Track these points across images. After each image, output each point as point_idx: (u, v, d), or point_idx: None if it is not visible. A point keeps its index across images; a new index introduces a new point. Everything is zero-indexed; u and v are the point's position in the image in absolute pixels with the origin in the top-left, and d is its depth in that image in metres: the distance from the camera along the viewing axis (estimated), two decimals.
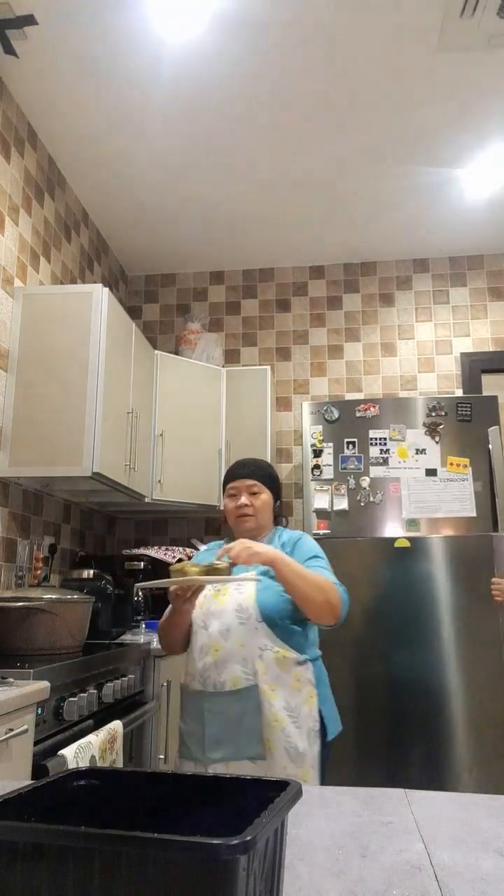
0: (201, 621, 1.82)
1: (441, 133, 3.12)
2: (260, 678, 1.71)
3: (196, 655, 1.79)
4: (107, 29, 2.54)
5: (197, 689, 1.76)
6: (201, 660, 1.76)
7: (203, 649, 1.78)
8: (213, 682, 1.74)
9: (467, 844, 0.53)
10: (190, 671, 1.81)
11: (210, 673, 1.74)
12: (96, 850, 0.37)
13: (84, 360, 2.78)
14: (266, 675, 1.73)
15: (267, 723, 1.68)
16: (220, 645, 1.76)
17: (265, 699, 1.70)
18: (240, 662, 1.73)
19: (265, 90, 2.85)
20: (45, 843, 0.38)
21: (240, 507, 1.96)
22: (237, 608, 1.79)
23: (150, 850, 0.36)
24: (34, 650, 2.12)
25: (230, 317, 4.42)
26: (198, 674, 1.77)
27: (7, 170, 2.84)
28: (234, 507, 1.97)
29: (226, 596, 1.82)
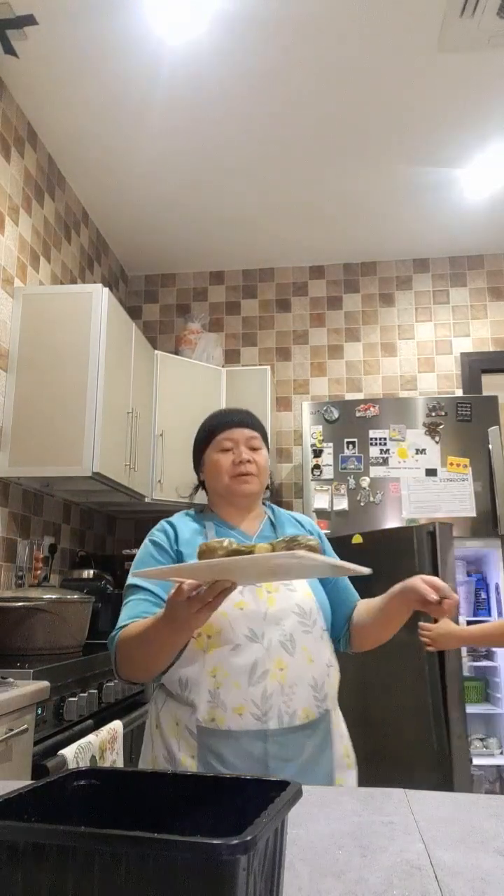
0: (248, 630, 1.32)
1: (441, 133, 3.12)
2: (330, 703, 1.37)
3: (241, 679, 1.30)
4: (107, 29, 2.54)
5: (251, 726, 1.27)
6: (256, 684, 1.30)
7: (257, 669, 1.31)
8: (278, 715, 1.29)
9: (467, 844, 0.53)
10: (227, 702, 1.29)
11: (275, 702, 1.29)
12: (96, 850, 0.37)
13: (84, 360, 2.78)
14: (335, 698, 1.39)
15: (339, 762, 1.34)
16: (284, 662, 1.32)
17: (335, 730, 1.36)
18: (311, 685, 1.33)
19: (265, 90, 2.85)
20: (45, 843, 0.38)
21: (241, 464, 1.49)
22: (298, 610, 1.38)
23: (150, 849, 0.36)
24: (34, 650, 2.12)
25: (230, 317, 4.42)
26: (252, 705, 1.29)
27: (7, 170, 2.84)
28: (232, 464, 1.51)
29: (276, 593, 1.39)
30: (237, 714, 1.28)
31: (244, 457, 1.50)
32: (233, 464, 1.51)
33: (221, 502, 1.55)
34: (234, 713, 1.28)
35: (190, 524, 1.53)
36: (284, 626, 1.34)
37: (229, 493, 1.51)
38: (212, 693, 1.30)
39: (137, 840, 0.36)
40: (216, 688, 1.30)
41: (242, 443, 1.53)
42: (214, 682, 1.30)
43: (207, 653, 1.32)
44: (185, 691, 1.33)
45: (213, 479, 1.54)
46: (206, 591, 1.10)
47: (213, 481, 1.55)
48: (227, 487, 1.51)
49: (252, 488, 1.50)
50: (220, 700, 1.29)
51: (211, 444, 1.57)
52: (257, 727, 1.27)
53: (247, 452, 1.52)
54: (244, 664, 1.30)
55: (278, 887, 0.44)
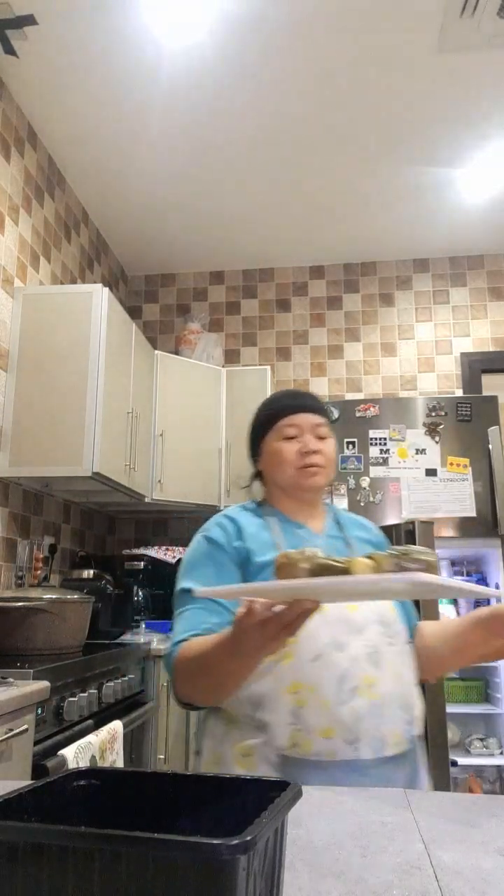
0: (330, 637, 1.13)
1: (441, 133, 3.12)
2: (418, 728, 1.16)
3: (329, 695, 1.08)
4: (107, 29, 2.54)
5: (341, 754, 1.06)
6: (345, 702, 1.08)
7: (345, 684, 1.09)
8: (370, 741, 1.07)
9: (467, 844, 0.53)
10: (313, 724, 1.08)
11: (366, 725, 1.07)
12: (96, 850, 0.37)
13: (84, 360, 2.78)
14: (422, 722, 1.18)
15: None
16: (373, 677, 1.12)
17: (421, 762, 1.17)
18: (401, 705, 1.12)
19: (265, 91, 2.85)
20: (45, 843, 0.38)
21: (309, 454, 1.31)
22: (380, 619, 1.19)
23: (150, 850, 0.36)
24: (34, 650, 2.12)
25: (230, 317, 4.42)
26: (342, 727, 1.07)
27: (7, 170, 2.84)
28: (299, 454, 1.32)
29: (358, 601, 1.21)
30: (324, 738, 1.06)
31: (311, 446, 1.32)
32: (298, 454, 1.33)
33: (283, 496, 1.38)
34: (321, 737, 1.06)
35: (251, 518, 1.35)
36: (368, 635, 1.15)
37: (294, 486, 1.34)
38: (294, 713, 1.08)
39: (137, 840, 0.36)
40: (298, 706, 1.08)
41: (308, 430, 1.35)
42: (296, 700, 1.08)
43: (283, 663, 1.10)
44: (257, 712, 1.11)
45: (275, 470, 1.35)
46: (284, 612, 0.88)
47: (274, 473, 1.36)
48: (291, 480, 1.33)
49: (320, 482, 1.33)
50: (304, 722, 1.07)
51: (272, 430, 1.38)
52: (349, 756, 1.05)
53: (314, 441, 1.34)
54: (330, 677, 1.09)
55: (278, 887, 0.44)
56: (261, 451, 1.42)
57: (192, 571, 1.27)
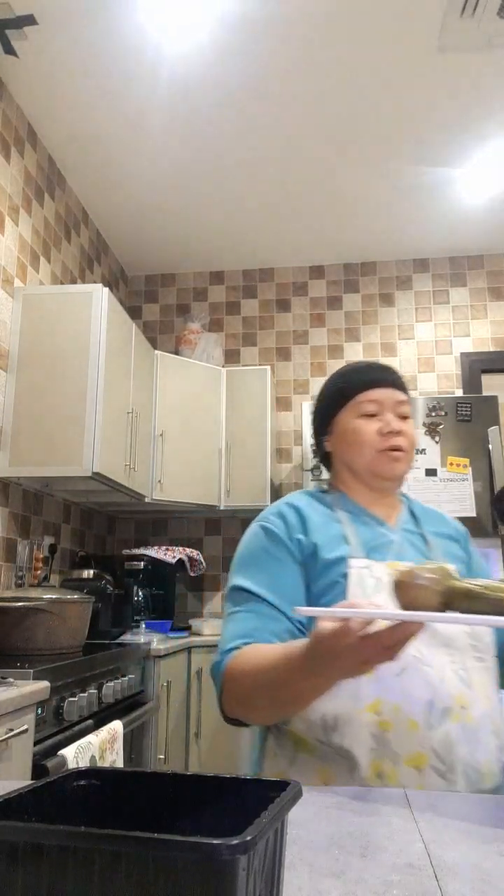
0: (416, 650, 0.99)
1: (441, 133, 3.12)
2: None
3: (418, 715, 0.95)
4: (107, 29, 2.54)
5: (434, 786, 0.93)
6: (436, 726, 0.94)
7: (435, 704, 0.96)
8: (465, 772, 0.93)
9: (467, 844, 0.53)
10: (400, 750, 0.94)
11: (460, 753, 0.93)
12: (96, 850, 0.37)
13: (84, 360, 2.78)
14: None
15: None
16: (465, 698, 0.97)
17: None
18: (494, 731, 0.98)
19: (265, 90, 2.85)
20: (45, 843, 0.38)
21: (392, 435, 1.15)
22: (470, 630, 1.04)
23: (150, 850, 0.37)
24: (34, 650, 2.12)
25: (230, 317, 4.42)
26: (433, 755, 0.93)
27: (7, 170, 2.84)
28: (380, 434, 1.15)
29: None
30: (414, 768, 0.91)
31: (394, 426, 1.14)
32: (379, 434, 1.15)
33: (356, 483, 1.21)
34: (410, 766, 0.91)
35: (317, 507, 1.19)
36: (455, 650, 1.00)
37: (371, 472, 1.17)
38: (377, 737, 0.93)
39: (137, 840, 0.36)
40: (382, 730, 0.93)
41: (390, 408, 1.17)
42: (378, 722, 0.93)
43: (361, 677, 0.90)
44: (331, 735, 0.95)
45: (351, 451, 1.17)
46: (386, 632, 0.74)
47: (349, 454, 1.18)
48: (369, 465, 1.16)
49: (401, 468, 1.16)
50: (389, 747, 0.92)
51: (348, 405, 1.19)
52: (442, 789, 0.89)
53: (396, 421, 1.16)
54: (419, 696, 0.94)
55: (278, 887, 0.44)
56: (331, 428, 1.22)
57: (246, 568, 1.13)
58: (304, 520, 1.15)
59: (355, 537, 1.13)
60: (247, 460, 3.78)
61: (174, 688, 2.96)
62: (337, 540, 1.13)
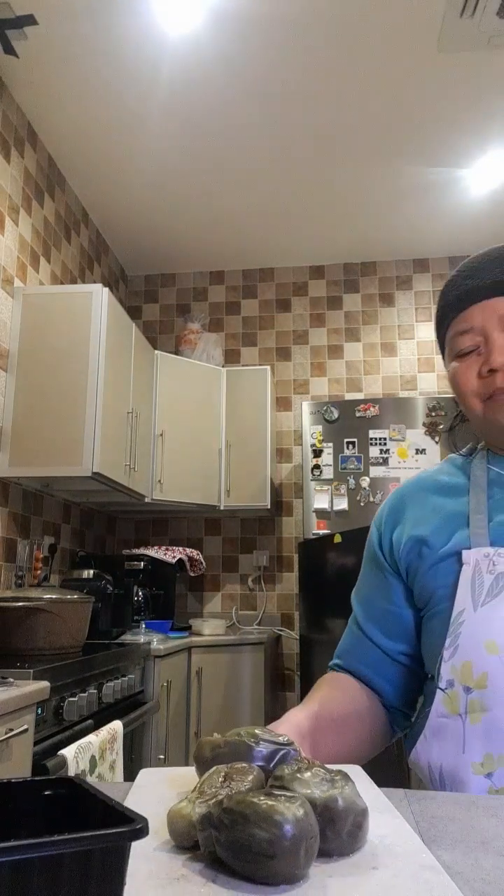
0: None
1: (441, 133, 3.12)
2: None
3: None
4: (107, 29, 2.53)
5: None
6: None
7: None
8: None
9: (467, 844, 0.53)
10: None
11: None
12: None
13: (84, 360, 2.78)
14: None
15: None
16: None
17: None
18: None
19: (265, 91, 2.85)
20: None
21: (490, 376, 0.83)
22: None
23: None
24: (34, 650, 2.12)
25: (230, 317, 4.41)
26: None
27: (7, 170, 2.84)
28: (478, 379, 0.85)
29: None
30: None
31: (496, 362, 0.81)
32: (479, 378, 0.84)
33: (491, 433, 0.88)
34: None
35: (444, 480, 0.93)
36: None
37: (488, 430, 0.87)
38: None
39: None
40: (493, 790, 0.73)
41: (495, 327, 0.83)
42: (489, 786, 0.74)
43: (471, 722, 0.75)
44: (436, 788, 0.79)
45: (461, 405, 0.89)
46: None
47: (460, 399, 0.89)
48: (482, 423, 0.87)
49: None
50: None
51: (446, 341, 0.91)
52: None
53: (502, 348, 0.82)
54: None
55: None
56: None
57: (361, 573, 1.00)
58: (401, 509, 0.92)
59: (481, 514, 0.84)
60: (247, 460, 3.78)
61: (174, 688, 2.96)
62: (454, 523, 0.86)
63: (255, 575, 4.05)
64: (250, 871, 0.44)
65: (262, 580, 4.04)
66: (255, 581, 4.05)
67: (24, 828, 0.46)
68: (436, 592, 0.85)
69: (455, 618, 0.80)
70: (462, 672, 0.77)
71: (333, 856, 0.49)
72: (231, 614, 3.99)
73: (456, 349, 0.86)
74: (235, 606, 4.03)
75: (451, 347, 0.88)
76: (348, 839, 0.50)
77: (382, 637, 0.94)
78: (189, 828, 0.49)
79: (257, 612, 4.00)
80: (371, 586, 0.96)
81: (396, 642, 0.93)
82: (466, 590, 0.80)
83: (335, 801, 0.50)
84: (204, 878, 0.45)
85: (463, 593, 0.80)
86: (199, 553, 3.80)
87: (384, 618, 0.93)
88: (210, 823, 0.47)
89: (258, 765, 0.57)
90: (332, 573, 3.02)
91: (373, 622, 0.95)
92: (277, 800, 0.46)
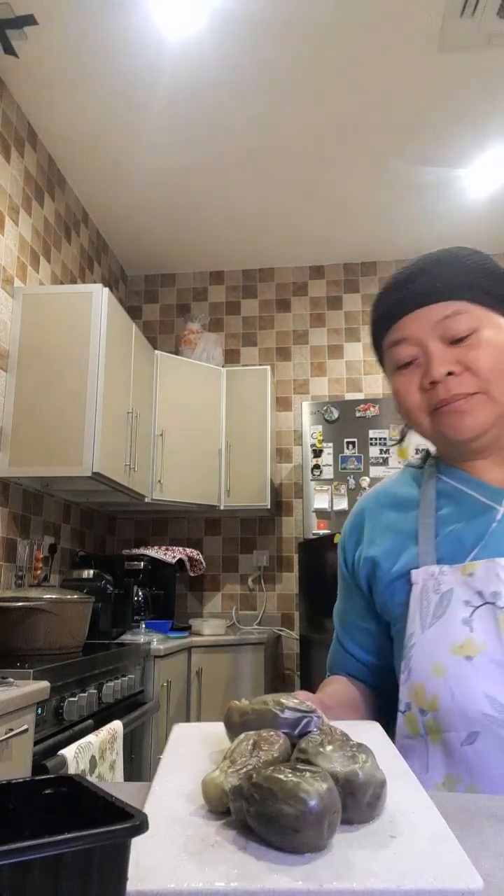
0: (487, 701, 0.74)
1: (441, 133, 3.12)
2: None
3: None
4: (107, 29, 2.54)
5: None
6: None
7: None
8: None
9: (467, 845, 0.53)
10: None
11: None
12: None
13: (84, 360, 2.78)
14: None
15: None
16: None
17: None
18: None
19: (265, 90, 2.85)
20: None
21: (432, 388, 0.80)
22: None
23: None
24: (34, 650, 2.12)
25: (230, 317, 4.41)
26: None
27: (7, 170, 2.84)
28: (420, 392, 0.81)
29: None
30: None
31: (435, 374, 0.77)
32: (420, 391, 0.80)
33: (440, 446, 0.88)
34: None
35: (401, 491, 0.91)
36: None
37: (438, 441, 0.85)
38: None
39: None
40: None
41: (430, 337, 0.79)
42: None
43: (431, 743, 0.75)
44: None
45: (407, 419, 0.86)
46: None
47: (405, 413, 0.85)
48: (431, 435, 0.84)
49: (472, 426, 0.78)
50: None
51: (384, 355, 0.87)
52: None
53: (442, 358, 0.77)
54: (499, 774, 0.70)
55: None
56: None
57: (338, 588, 1.00)
58: (361, 525, 0.92)
59: (430, 529, 0.83)
60: (247, 460, 3.78)
61: (174, 688, 2.96)
62: (404, 541, 0.85)
63: (255, 575, 4.05)
64: (278, 841, 0.48)
65: (262, 580, 4.04)
66: (255, 581, 4.05)
67: (25, 828, 0.46)
68: (393, 612, 0.86)
69: (407, 640, 0.80)
70: (416, 694, 0.77)
71: (354, 823, 0.53)
72: (231, 614, 4.00)
73: (394, 361, 0.83)
74: (235, 606, 4.03)
75: (389, 360, 0.85)
76: (367, 809, 0.53)
77: (361, 651, 0.96)
78: (222, 796, 0.54)
79: (257, 612, 4.00)
80: (344, 602, 0.98)
81: (372, 656, 0.95)
82: (416, 611, 0.80)
83: (356, 775, 0.53)
84: (236, 845, 0.49)
85: (412, 614, 0.80)
86: (199, 553, 3.80)
87: (359, 633, 0.95)
88: (241, 795, 0.51)
89: (284, 731, 0.60)
90: (332, 573, 3.02)
91: (349, 637, 0.96)
92: (302, 776, 0.49)
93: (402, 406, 0.84)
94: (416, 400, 0.81)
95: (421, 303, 0.80)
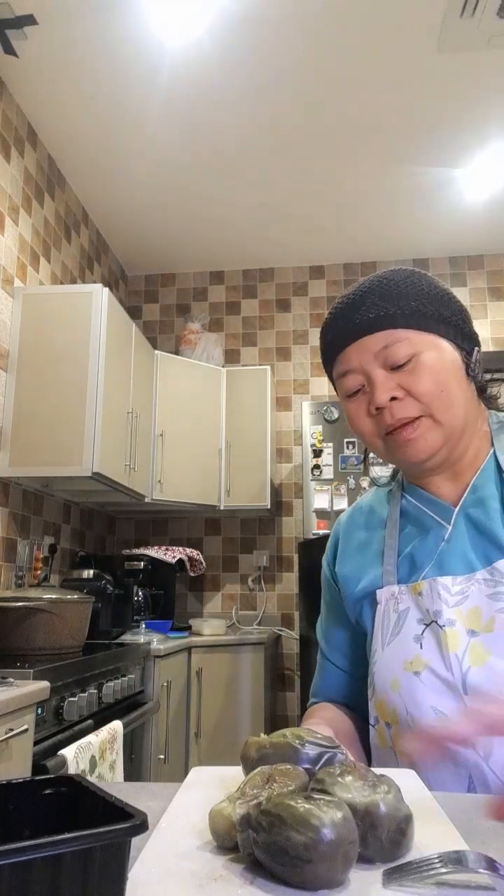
0: (439, 705, 0.78)
1: (441, 133, 3.12)
2: None
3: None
4: (107, 29, 2.53)
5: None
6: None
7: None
8: None
9: (467, 844, 0.53)
10: None
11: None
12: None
13: (84, 360, 2.78)
14: None
15: None
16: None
17: None
18: None
19: (264, 90, 2.85)
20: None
21: (379, 414, 0.82)
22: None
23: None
24: (34, 650, 2.12)
25: (230, 317, 4.41)
26: None
27: (7, 170, 2.84)
28: (369, 418, 0.84)
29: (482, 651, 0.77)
30: None
31: (379, 400, 0.80)
32: (368, 416, 0.83)
33: (399, 467, 0.92)
34: None
35: (371, 511, 0.95)
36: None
37: (394, 463, 0.88)
38: None
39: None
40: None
41: (373, 366, 0.81)
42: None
43: (399, 756, 0.80)
44: None
45: (363, 443, 0.88)
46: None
47: (365, 444, 0.88)
48: (386, 458, 0.86)
49: (422, 449, 0.81)
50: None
51: (334, 377, 0.89)
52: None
53: (385, 385, 0.80)
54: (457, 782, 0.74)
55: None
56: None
57: (321, 601, 1.03)
58: (336, 544, 0.97)
59: (393, 549, 0.87)
60: (247, 460, 3.78)
61: (174, 688, 2.96)
62: (371, 561, 0.90)
63: (255, 575, 4.05)
64: (288, 874, 0.44)
65: (262, 580, 4.04)
66: (255, 581, 4.04)
67: (25, 828, 0.47)
68: (364, 628, 0.91)
69: (371, 656, 0.85)
70: (380, 709, 0.82)
71: (376, 862, 0.48)
72: (231, 614, 3.99)
73: (343, 390, 0.87)
74: (235, 606, 4.03)
75: (339, 388, 0.88)
76: (390, 846, 0.48)
77: (347, 662, 0.98)
78: (230, 828, 0.49)
79: (257, 612, 4.00)
80: (329, 613, 1.01)
81: (358, 666, 0.96)
82: (378, 629, 0.85)
83: (377, 807, 0.49)
84: (243, 879, 0.45)
85: (376, 632, 0.86)
86: (199, 553, 3.80)
87: (345, 644, 0.97)
88: (248, 825, 0.47)
89: (304, 767, 0.56)
90: None
91: (335, 649, 0.99)
92: (315, 803, 0.45)
93: (356, 432, 0.87)
94: (367, 425, 0.85)
95: (361, 334, 0.83)
